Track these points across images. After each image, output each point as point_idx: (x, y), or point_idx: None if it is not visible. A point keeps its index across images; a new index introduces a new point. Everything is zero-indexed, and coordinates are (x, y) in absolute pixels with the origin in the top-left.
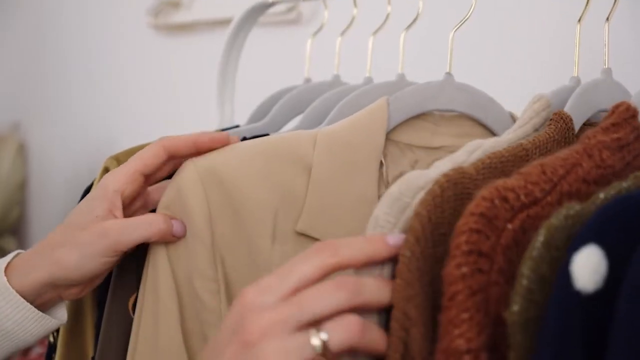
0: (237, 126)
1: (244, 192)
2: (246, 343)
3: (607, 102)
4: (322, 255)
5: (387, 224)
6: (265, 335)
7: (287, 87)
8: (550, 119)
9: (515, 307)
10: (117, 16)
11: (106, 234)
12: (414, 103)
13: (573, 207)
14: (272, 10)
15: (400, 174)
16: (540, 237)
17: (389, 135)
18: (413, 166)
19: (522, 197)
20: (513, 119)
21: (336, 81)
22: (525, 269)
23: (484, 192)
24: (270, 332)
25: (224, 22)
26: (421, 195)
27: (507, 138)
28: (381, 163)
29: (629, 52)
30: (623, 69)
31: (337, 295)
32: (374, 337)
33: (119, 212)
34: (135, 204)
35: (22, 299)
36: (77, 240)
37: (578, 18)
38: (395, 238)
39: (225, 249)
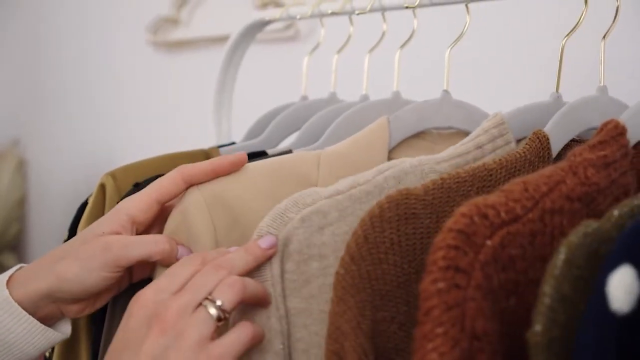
0: (233, 143)
1: (250, 215)
2: (164, 329)
3: (600, 120)
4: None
5: (267, 234)
6: (177, 319)
7: (284, 104)
8: (529, 138)
9: (538, 327)
10: (116, 33)
11: (108, 247)
12: (414, 121)
13: (591, 225)
14: (269, 27)
15: None
16: (561, 256)
17: (390, 154)
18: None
19: (503, 214)
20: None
21: (333, 98)
22: (548, 288)
23: (463, 208)
24: (179, 316)
25: (222, 39)
26: (307, 211)
27: (441, 155)
28: None
29: (629, 67)
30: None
31: (218, 273)
32: (255, 287)
33: (126, 234)
34: (151, 231)
35: (24, 312)
36: (78, 253)
37: (565, 35)
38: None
39: None
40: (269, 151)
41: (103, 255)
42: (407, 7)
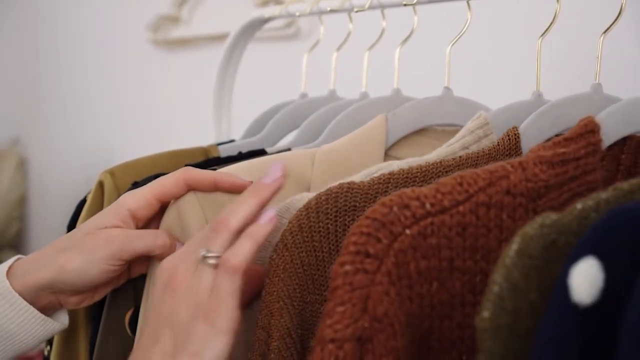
0: (232, 141)
1: None
2: (175, 289)
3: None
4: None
5: None
6: (183, 279)
7: (283, 101)
8: (501, 137)
9: (486, 314)
10: (116, 31)
11: (111, 240)
12: (413, 119)
13: (549, 217)
14: (269, 25)
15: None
16: (514, 245)
17: (389, 151)
18: None
19: (428, 206)
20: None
21: (332, 96)
22: (498, 277)
23: (385, 198)
24: (185, 276)
25: (222, 37)
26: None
27: (428, 157)
28: None
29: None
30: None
31: (215, 238)
32: (240, 216)
33: (127, 228)
34: (149, 228)
35: (25, 302)
36: (81, 245)
37: (541, 33)
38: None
39: None
40: (268, 149)
41: (106, 248)
42: (405, 5)
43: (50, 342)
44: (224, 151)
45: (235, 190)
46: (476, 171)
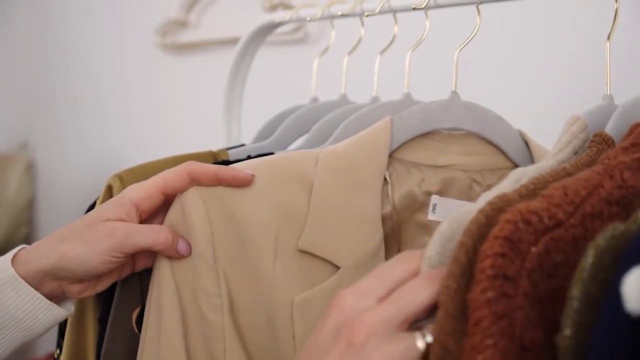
0: (243, 145)
1: (246, 211)
2: (353, 344)
3: None
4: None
5: (439, 263)
6: (372, 336)
7: (293, 106)
8: (591, 141)
9: (567, 332)
10: (124, 35)
11: (113, 233)
12: (419, 122)
13: (618, 228)
14: (279, 29)
15: (407, 192)
16: (589, 259)
17: (394, 153)
18: (420, 184)
19: (546, 220)
20: (522, 137)
21: (343, 100)
22: (576, 291)
23: (508, 215)
24: (375, 333)
25: (232, 42)
26: None
27: (548, 163)
28: (386, 181)
29: None
30: None
31: (430, 289)
32: None
33: (130, 221)
34: (153, 221)
35: (30, 288)
36: (83, 236)
37: (607, 35)
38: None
39: (229, 266)
40: (277, 153)
41: (107, 240)
42: (414, 9)
43: (60, 346)
44: (233, 155)
45: (237, 183)
46: (572, 180)
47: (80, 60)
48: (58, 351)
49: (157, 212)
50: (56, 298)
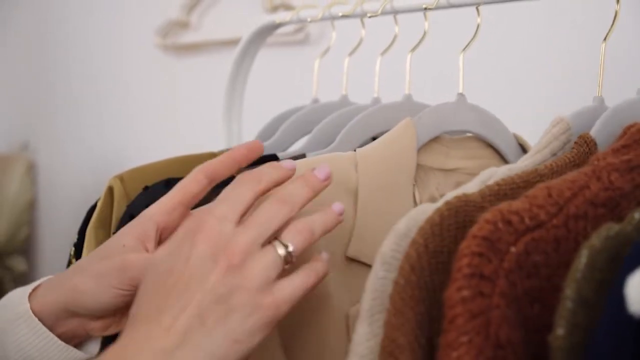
0: None
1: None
2: (232, 266)
3: None
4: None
5: (394, 260)
6: (245, 257)
7: (294, 106)
8: (575, 143)
9: (561, 331)
10: (125, 36)
11: (125, 268)
12: (433, 125)
13: (612, 228)
14: (280, 30)
15: (430, 196)
16: (582, 259)
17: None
18: (437, 188)
19: (527, 220)
20: (517, 140)
21: (344, 101)
22: (570, 292)
23: (488, 215)
24: (247, 253)
25: (232, 43)
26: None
27: (522, 164)
28: (413, 185)
29: None
30: None
31: (283, 212)
32: (320, 223)
33: (150, 243)
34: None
35: (41, 325)
36: (95, 269)
37: (604, 37)
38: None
39: None
40: (280, 154)
41: (119, 276)
42: (413, 11)
43: None
44: None
45: (253, 154)
46: (558, 181)
47: (81, 60)
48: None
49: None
50: (78, 338)
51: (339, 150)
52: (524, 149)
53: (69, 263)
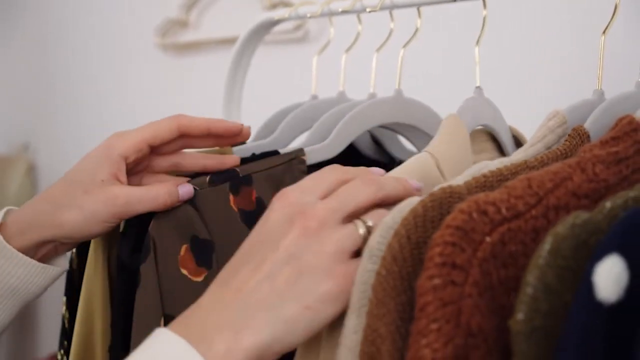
0: (243, 142)
1: None
2: (307, 228)
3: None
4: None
5: (379, 252)
6: (323, 224)
7: (293, 103)
8: (569, 135)
9: (520, 316)
10: (124, 36)
11: (112, 202)
12: (471, 119)
13: (580, 216)
14: (279, 28)
15: None
16: (546, 245)
17: None
18: None
19: (504, 211)
20: (512, 132)
21: (342, 97)
22: (531, 277)
23: (463, 205)
24: (325, 221)
25: (231, 41)
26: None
27: (516, 157)
28: None
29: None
30: None
31: (367, 190)
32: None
33: (123, 177)
34: (136, 169)
35: (22, 255)
36: (82, 205)
37: (602, 30)
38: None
39: None
40: (281, 150)
41: (107, 209)
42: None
43: (63, 347)
44: (237, 153)
45: (229, 134)
46: (540, 172)
47: (81, 61)
48: (62, 352)
49: (141, 161)
50: (49, 257)
51: (333, 144)
52: (517, 142)
53: (71, 263)
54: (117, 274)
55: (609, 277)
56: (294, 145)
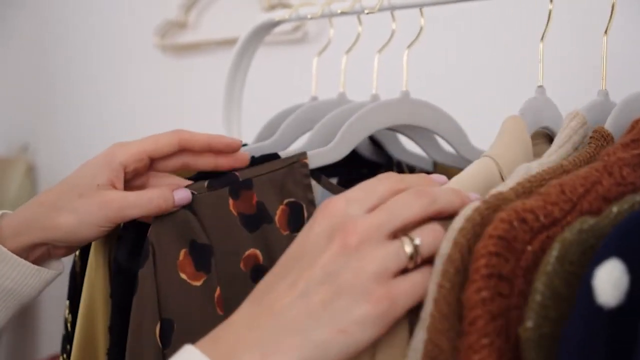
0: (244, 145)
1: None
2: (347, 246)
3: None
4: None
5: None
6: (364, 241)
7: (293, 105)
8: (590, 137)
9: (529, 323)
10: (124, 36)
11: (106, 206)
12: (531, 122)
13: (587, 221)
14: (278, 29)
15: None
16: (554, 252)
17: None
18: None
19: (542, 218)
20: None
21: (342, 99)
22: (539, 284)
23: (502, 214)
24: (368, 238)
25: (231, 42)
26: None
27: (551, 159)
28: None
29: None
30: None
31: (419, 203)
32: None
33: (120, 184)
34: (134, 182)
35: (17, 257)
36: (76, 208)
37: (604, 30)
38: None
39: None
40: (281, 153)
41: (100, 213)
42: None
43: (66, 352)
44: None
45: (229, 149)
46: (571, 177)
47: (80, 62)
48: (64, 355)
49: (139, 172)
50: (43, 260)
51: (337, 148)
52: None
53: (74, 266)
54: (113, 277)
55: (608, 281)
56: (294, 147)
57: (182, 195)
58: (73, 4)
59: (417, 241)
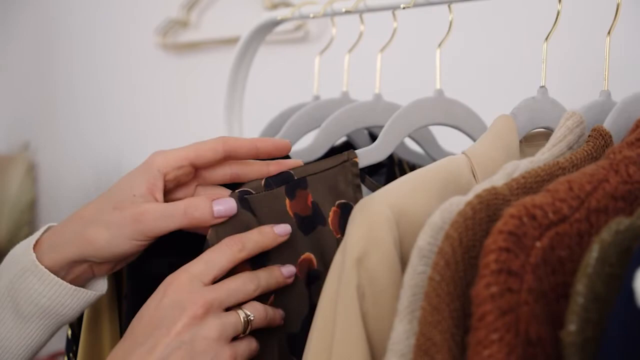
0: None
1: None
2: (196, 317)
3: None
4: (233, 249)
5: (430, 253)
6: (209, 311)
7: (296, 104)
8: (589, 135)
9: (572, 327)
10: (125, 36)
11: (139, 219)
12: (525, 121)
13: (622, 222)
14: (280, 28)
15: None
16: (593, 254)
17: None
18: None
19: (551, 215)
20: None
21: (345, 98)
22: (581, 287)
23: (512, 209)
24: (212, 309)
25: (232, 41)
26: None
27: (542, 157)
28: None
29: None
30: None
31: (251, 287)
32: (273, 314)
33: (159, 194)
34: (177, 193)
35: (52, 275)
36: (108, 220)
37: (607, 31)
38: (280, 228)
39: None
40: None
41: (133, 226)
42: (405, 7)
43: (71, 351)
44: None
45: (278, 153)
46: (578, 174)
47: (81, 60)
48: (70, 355)
49: (182, 180)
50: (85, 279)
51: (382, 147)
52: None
53: None
54: (128, 279)
55: None
56: (297, 146)
57: (225, 206)
58: (75, 3)
59: (251, 316)
